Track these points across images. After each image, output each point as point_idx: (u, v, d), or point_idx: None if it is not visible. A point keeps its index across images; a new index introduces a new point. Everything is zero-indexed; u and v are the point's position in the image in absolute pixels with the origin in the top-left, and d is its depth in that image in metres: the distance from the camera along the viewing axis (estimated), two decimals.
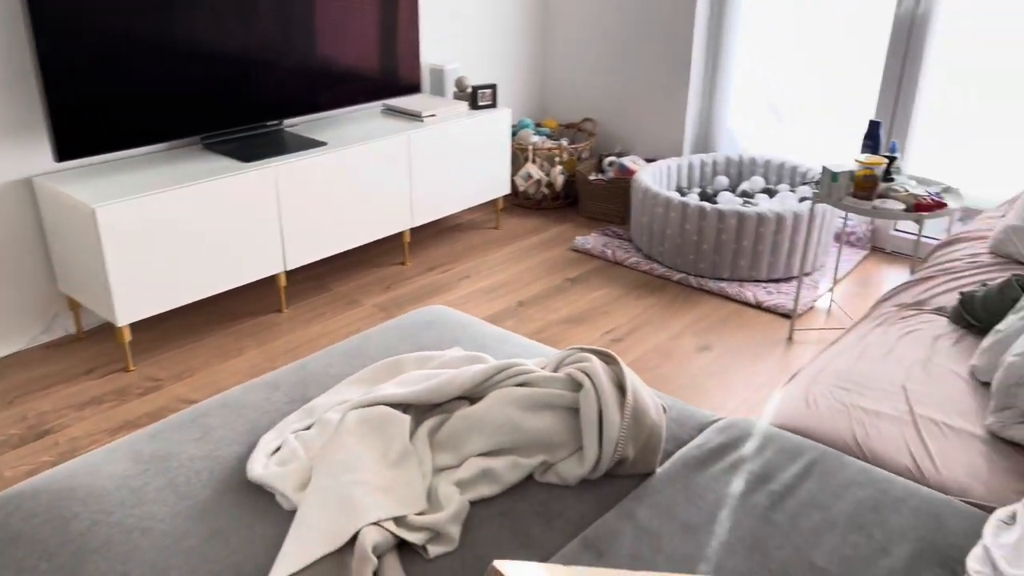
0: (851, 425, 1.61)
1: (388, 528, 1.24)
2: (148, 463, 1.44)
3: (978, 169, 3.33)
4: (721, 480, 1.43)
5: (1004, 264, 2.28)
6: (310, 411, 1.56)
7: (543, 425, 1.41)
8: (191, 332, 2.89)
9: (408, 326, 1.94)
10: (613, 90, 4.17)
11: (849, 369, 1.80)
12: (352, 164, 3.07)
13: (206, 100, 2.86)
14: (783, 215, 3.16)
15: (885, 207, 2.47)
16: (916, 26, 3.28)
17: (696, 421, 1.62)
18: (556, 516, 1.35)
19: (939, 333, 1.95)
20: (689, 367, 2.70)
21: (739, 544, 1.29)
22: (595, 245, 3.61)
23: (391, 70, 3.45)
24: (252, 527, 1.30)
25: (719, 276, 3.29)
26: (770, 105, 3.86)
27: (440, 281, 3.33)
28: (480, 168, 3.62)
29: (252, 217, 2.80)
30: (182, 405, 2.46)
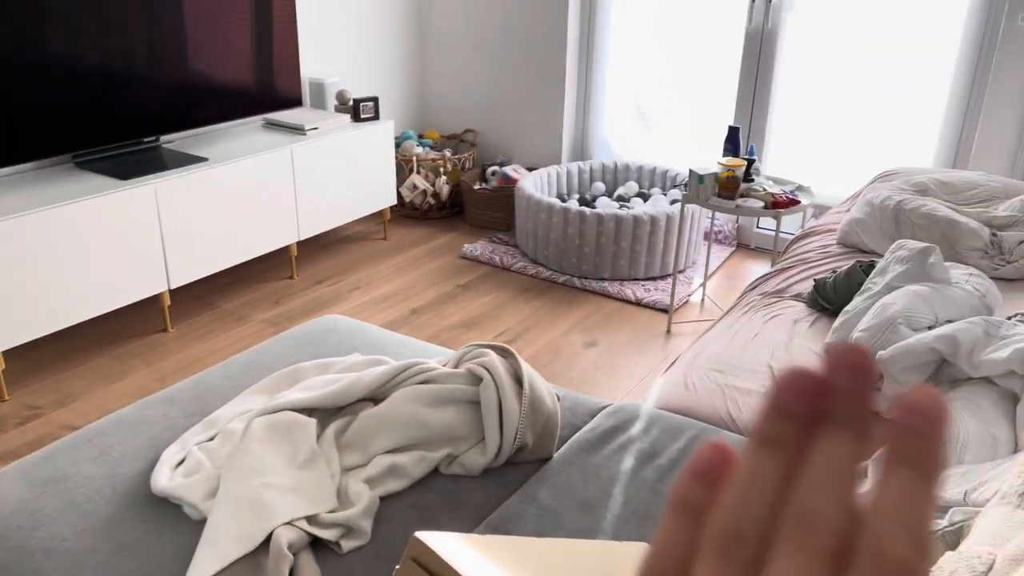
0: (725, 403, 1.76)
1: (301, 527, 1.28)
2: (44, 486, 1.42)
3: (826, 168, 3.65)
4: (613, 459, 1.54)
5: (850, 253, 2.53)
6: (212, 423, 1.57)
7: (447, 419, 1.49)
8: (71, 357, 2.78)
9: (305, 336, 1.96)
10: (492, 101, 4.30)
11: (722, 353, 1.96)
12: (234, 179, 3.04)
13: (76, 117, 2.77)
14: (657, 217, 3.36)
15: (747, 205, 2.69)
16: (765, 39, 3.57)
17: (588, 408, 1.73)
18: (463, 504, 1.43)
19: (798, 317, 2.15)
20: (578, 362, 2.84)
21: (632, 516, 1.40)
22: (483, 252, 3.71)
23: (271, 84, 3.43)
24: (161, 539, 1.31)
25: (601, 276, 3.46)
26: (640, 113, 4.09)
27: (330, 293, 3.33)
28: (365, 180, 3.65)
29: (132, 236, 2.73)
30: (66, 432, 2.37)
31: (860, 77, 3.46)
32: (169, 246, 2.86)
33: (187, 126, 3.15)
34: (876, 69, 3.42)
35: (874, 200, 2.53)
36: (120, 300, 2.74)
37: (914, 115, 3.40)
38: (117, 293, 2.72)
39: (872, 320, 1.76)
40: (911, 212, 2.42)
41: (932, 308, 1.75)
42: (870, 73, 3.44)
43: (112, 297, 2.71)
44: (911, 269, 1.87)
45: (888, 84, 3.41)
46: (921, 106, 3.37)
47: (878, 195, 2.54)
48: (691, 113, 3.92)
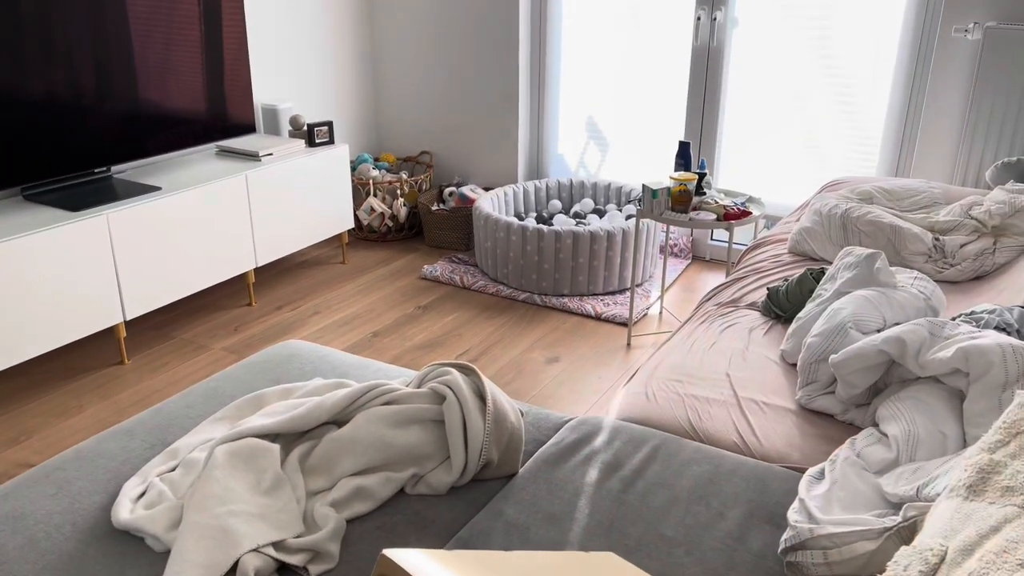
0: (686, 412, 1.80)
1: (268, 553, 1.27)
2: (2, 524, 1.38)
3: (775, 180, 3.75)
4: (578, 472, 1.56)
5: (801, 261, 2.60)
6: (173, 453, 1.55)
7: (412, 439, 1.49)
8: (24, 394, 2.72)
9: (266, 362, 1.95)
10: (447, 122, 4.33)
11: (681, 363, 2.00)
12: (189, 208, 3.02)
13: (23, 149, 2.73)
14: (613, 232, 3.41)
15: (700, 218, 2.75)
16: (712, 56, 3.66)
17: (551, 422, 1.75)
18: (430, 523, 1.43)
19: (753, 325, 2.20)
20: (541, 378, 2.86)
21: (598, 527, 1.42)
22: (443, 272, 3.72)
23: (223, 111, 3.42)
24: (123, 573, 1.29)
25: (561, 292, 3.49)
26: (593, 131, 4.15)
27: (290, 319, 3.31)
28: (322, 204, 3.65)
29: (84, 268, 2.69)
30: (21, 470, 2.32)
31: (804, 91, 3.57)
32: (124, 277, 2.82)
33: (139, 155, 3.12)
34: (819, 83, 3.53)
35: (822, 209, 2.60)
36: (74, 334, 2.69)
37: (857, 126, 3.51)
38: (71, 327, 2.67)
39: (823, 325, 1.81)
40: (857, 220, 2.49)
41: (880, 311, 1.80)
42: (814, 87, 3.54)
43: (66, 331, 2.66)
44: (859, 275, 1.93)
45: (831, 97, 3.53)
46: (863, 117, 3.49)
47: (826, 204, 2.61)
48: (643, 129, 3.99)
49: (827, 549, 1.23)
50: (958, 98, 3.23)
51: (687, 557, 1.34)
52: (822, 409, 1.77)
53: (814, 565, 1.24)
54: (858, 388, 1.67)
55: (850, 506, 1.34)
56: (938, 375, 1.55)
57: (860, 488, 1.38)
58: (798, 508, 1.35)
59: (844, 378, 1.67)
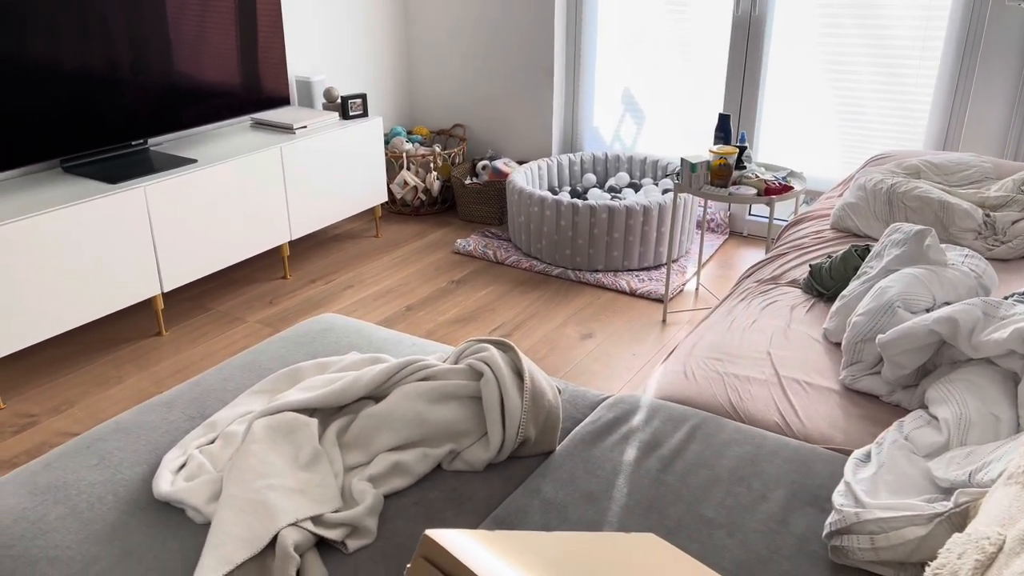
0: (726, 391, 1.76)
1: (306, 527, 1.27)
2: (45, 493, 1.40)
3: (818, 154, 3.66)
4: (615, 451, 1.54)
5: (844, 237, 2.53)
6: (212, 425, 1.56)
7: (448, 415, 1.48)
8: (65, 363, 2.76)
9: (302, 335, 1.95)
10: (480, 95, 4.28)
11: (720, 341, 1.96)
12: (225, 180, 3.02)
13: (62, 122, 2.74)
14: (649, 207, 3.35)
15: (740, 193, 2.69)
16: (753, 26, 3.57)
17: (588, 400, 1.73)
18: (467, 500, 1.42)
19: (794, 303, 2.15)
20: (575, 354, 2.83)
21: (637, 506, 1.40)
22: (476, 247, 3.70)
23: (258, 83, 3.41)
24: (165, 544, 1.30)
25: (595, 268, 3.46)
26: (630, 103, 4.08)
27: (324, 292, 3.32)
28: (356, 177, 3.64)
29: (123, 240, 2.71)
30: (63, 439, 2.36)
31: (849, 61, 3.46)
32: (161, 249, 2.84)
33: (175, 128, 3.12)
34: (864, 53, 3.42)
35: (867, 184, 2.53)
36: (113, 305, 2.72)
37: (905, 98, 3.41)
38: (110, 298, 2.70)
39: (870, 304, 1.76)
40: (904, 195, 2.42)
41: (930, 290, 1.75)
42: (860, 57, 3.44)
43: (105, 302, 2.69)
44: (907, 252, 1.87)
45: (877, 67, 3.42)
46: (912, 88, 3.38)
47: (870, 179, 2.54)
48: (680, 102, 3.92)
49: (874, 534, 1.20)
50: (1010, 68, 3.11)
51: (728, 539, 1.31)
52: (867, 390, 1.72)
53: (860, 550, 1.21)
54: (906, 369, 1.62)
55: (898, 490, 1.30)
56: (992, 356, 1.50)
57: (908, 472, 1.34)
58: (844, 491, 1.32)
59: (892, 358, 1.63)
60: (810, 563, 1.26)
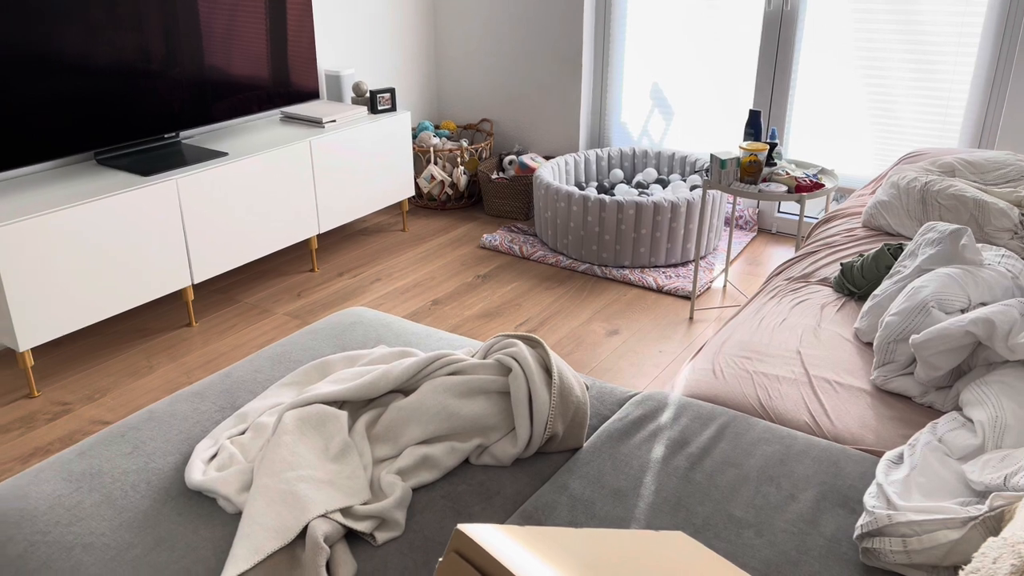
0: (755, 390, 1.75)
1: (336, 519, 1.28)
2: (80, 481, 1.43)
3: (849, 151, 3.61)
4: (643, 448, 1.53)
5: (876, 236, 2.50)
6: (243, 416, 1.58)
7: (477, 410, 1.48)
8: (97, 353, 2.80)
9: (330, 328, 1.96)
10: (508, 90, 4.28)
11: (749, 339, 1.95)
12: (255, 173, 3.05)
13: (96, 114, 2.78)
14: (677, 203, 3.33)
15: (770, 190, 2.67)
16: (785, 22, 3.52)
17: (616, 397, 1.73)
18: (495, 494, 1.42)
19: (825, 302, 2.13)
20: (601, 351, 2.83)
21: (664, 504, 1.39)
22: (502, 242, 3.70)
23: (288, 77, 3.43)
24: (197, 532, 1.31)
25: (621, 264, 3.44)
26: (658, 99, 4.05)
27: (351, 285, 3.34)
28: (383, 171, 3.65)
29: (155, 232, 2.74)
30: (96, 427, 2.40)
31: (884, 56, 3.41)
32: (191, 241, 2.87)
33: (206, 121, 3.16)
34: (899, 48, 3.37)
35: (900, 182, 2.49)
36: (145, 296, 2.75)
37: (940, 94, 3.35)
38: (142, 289, 2.74)
39: (903, 304, 1.74)
40: (938, 193, 2.38)
41: (965, 291, 1.72)
42: (894, 52, 3.39)
43: (137, 293, 2.73)
44: (942, 251, 1.84)
45: (911, 63, 3.37)
46: (947, 84, 3.33)
47: (904, 177, 2.50)
48: (710, 97, 3.88)
49: (907, 537, 1.19)
50: None
51: (757, 539, 1.30)
52: (899, 391, 1.70)
53: (892, 552, 1.19)
54: (940, 370, 1.60)
55: (931, 493, 1.29)
56: None
57: (942, 474, 1.32)
58: (875, 493, 1.30)
59: (925, 359, 1.61)
60: (840, 565, 1.25)
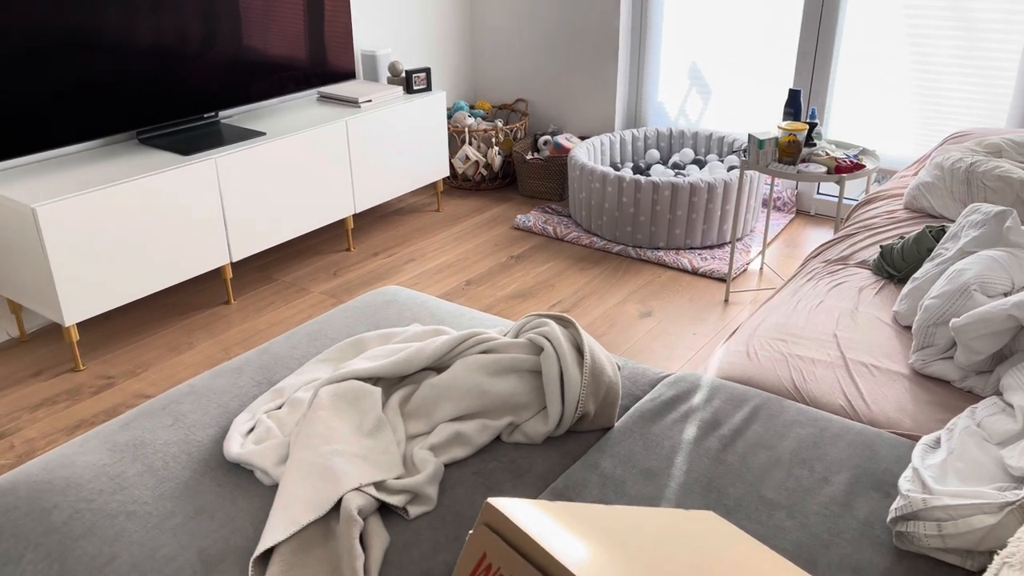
0: (790, 372, 1.74)
1: (369, 493, 1.30)
2: (123, 451, 1.47)
3: (892, 131, 3.53)
4: (675, 429, 1.53)
5: (917, 218, 2.45)
6: (280, 392, 1.61)
7: (508, 388, 1.49)
8: (140, 328, 2.87)
9: (366, 306, 1.99)
10: (543, 70, 4.25)
11: (785, 322, 1.93)
12: (292, 153, 3.08)
13: (137, 94, 2.83)
14: (714, 184, 3.30)
15: (809, 171, 2.62)
16: None
17: (648, 377, 1.73)
18: (525, 472, 1.44)
19: (863, 284, 2.10)
20: (634, 332, 2.82)
21: (696, 484, 1.39)
22: (536, 222, 3.70)
23: (324, 57, 3.45)
24: (235, 503, 1.35)
25: (656, 245, 3.42)
26: (696, 78, 4.00)
27: (386, 265, 3.37)
28: (419, 151, 3.67)
29: (195, 210, 2.79)
30: (139, 401, 2.46)
31: (929, 34, 3.32)
32: (230, 220, 2.92)
33: (244, 101, 3.19)
34: (946, 25, 3.28)
35: (944, 163, 2.44)
36: (185, 273, 2.81)
37: (985, 72, 3.26)
38: (182, 266, 2.79)
39: (945, 286, 1.71)
40: (984, 175, 2.33)
41: (1009, 274, 1.68)
42: (940, 29, 3.30)
43: (177, 270, 2.78)
44: (986, 233, 1.80)
45: (957, 40, 3.28)
46: (995, 62, 3.23)
47: (948, 157, 2.45)
48: (749, 76, 3.82)
49: (942, 521, 1.17)
50: None
51: (789, 520, 1.30)
52: (938, 375, 1.67)
53: (927, 537, 1.18)
54: (981, 355, 1.57)
55: (968, 478, 1.27)
56: None
57: (980, 459, 1.30)
58: (911, 477, 1.29)
59: (966, 343, 1.58)
60: (872, 548, 1.24)
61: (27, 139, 2.55)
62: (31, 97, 2.53)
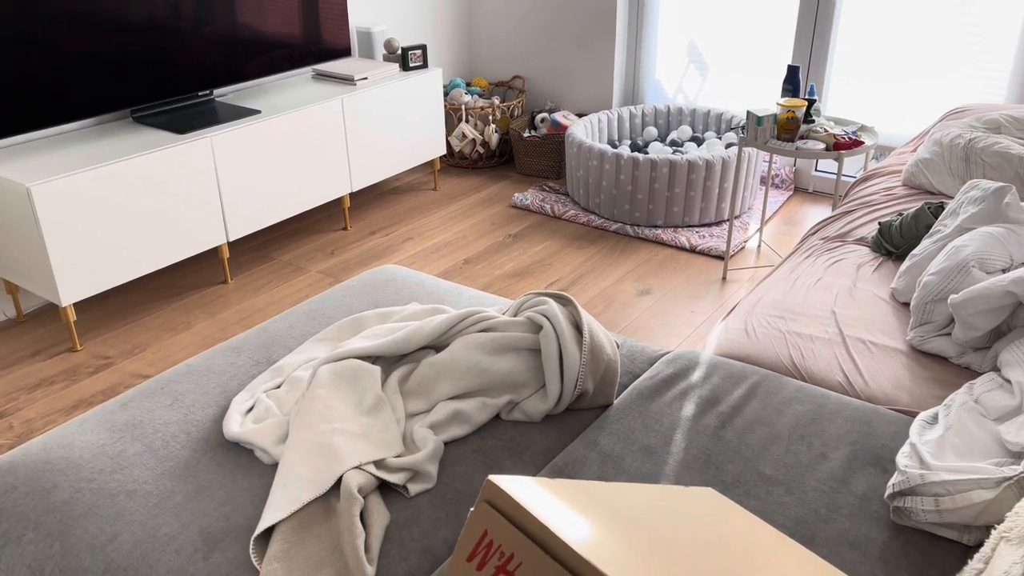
0: (788, 349, 1.74)
1: (369, 471, 1.31)
2: (122, 431, 1.47)
3: (891, 108, 3.52)
4: (674, 406, 1.53)
5: (916, 195, 2.44)
6: (279, 371, 1.60)
7: (508, 367, 1.49)
8: (137, 308, 2.87)
9: (364, 285, 1.98)
10: (540, 47, 4.22)
11: (783, 299, 1.93)
12: (288, 131, 3.06)
13: (131, 73, 2.80)
14: (712, 161, 3.28)
15: (807, 148, 2.61)
16: None
17: (647, 355, 1.73)
18: (525, 450, 1.44)
19: (861, 261, 2.10)
20: (632, 310, 2.82)
21: (694, 461, 1.40)
22: (533, 201, 3.68)
23: (319, 34, 3.42)
24: (236, 481, 1.35)
25: (654, 224, 3.41)
26: (694, 54, 3.97)
27: (383, 244, 3.36)
28: (415, 129, 3.64)
29: (191, 189, 2.78)
30: (137, 380, 2.46)
31: (928, 10, 3.30)
32: (226, 199, 2.90)
33: (239, 79, 3.16)
34: (945, 1, 3.25)
35: (943, 139, 2.43)
36: (182, 252, 2.80)
37: (984, 48, 3.24)
38: (179, 246, 2.78)
39: (943, 263, 1.71)
40: (983, 151, 2.32)
41: (1007, 250, 1.68)
42: (939, 5, 3.27)
43: (174, 250, 2.77)
44: (985, 209, 1.80)
45: (956, 16, 3.25)
46: (992, 38, 3.21)
47: (947, 134, 2.44)
48: (748, 53, 3.80)
49: (939, 496, 1.18)
50: None
51: (787, 496, 1.31)
52: (936, 351, 1.68)
53: (924, 511, 1.19)
54: (979, 331, 1.57)
55: (965, 453, 1.27)
56: None
57: (977, 435, 1.31)
58: (908, 452, 1.29)
59: (964, 320, 1.58)
60: (870, 523, 1.25)
61: (21, 118, 2.53)
62: (24, 76, 2.50)
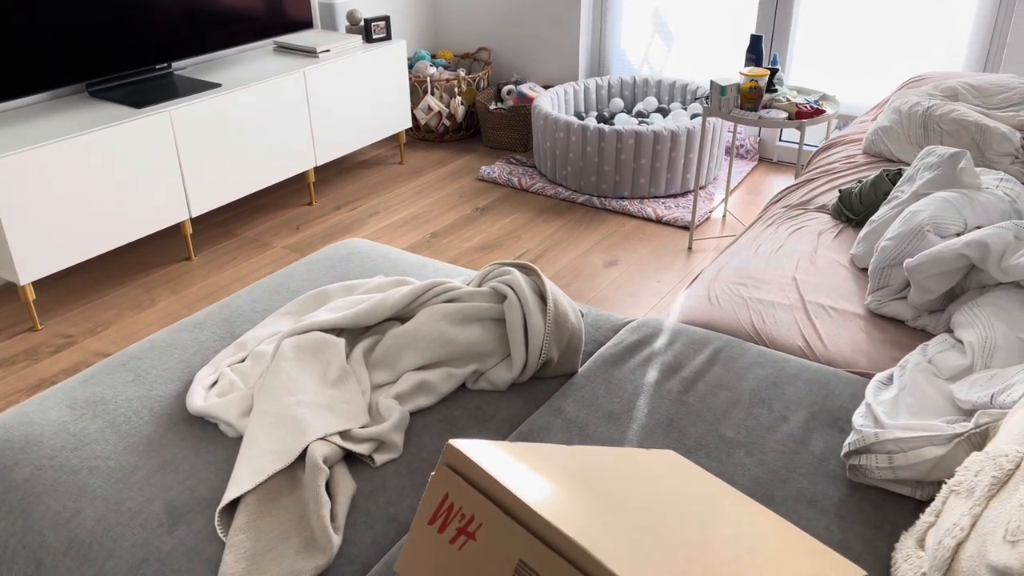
0: (749, 315, 1.77)
1: (335, 442, 1.31)
2: (84, 408, 1.45)
3: (852, 77, 3.55)
4: (637, 373, 1.55)
5: (876, 162, 2.48)
6: (242, 345, 1.60)
7: (472, 336, 1.50)
8: (99, 286, 2.82)
9: (328, 259, 1.97)
10: (506, 17, 4.18)
11: (745, 266, 1.95)
12: (249, 105, 3.01)
13: (86, 45, 2.73)
14: (677, 132, 3.30)
15: (770, 117, 2.63)
16: None
17: (611, 324, 1.74)
18: (490, 418, 1.45)
19: (822, 229, 2.13)
20: (599, 281, 2.84)
21: (657, 426, 1.42)
22: (500, 174, 3.67)
23: (281, 6, 3.36)
24: (200, 455, 1.35)
25: (621, 195, 3.43)
26: (659, 25, 3.97)
27: (349, 218, 3.33)
28: (380, 102, 3.60)
29: (151, 164, 2.73)
30: (100, 359, 2.43)
31: None
32: (188, 174, 2.86)
33: (198, 51, 3.10)
34: None
35: (902, 107, 2.46)
36: (144, 229, 2.76)
37: (944, 17, 3.28)
38: (141, 222, 2.74)
39: (899, 228, 1.74)
40: (940, 118, 2.35)
41: (961, 214, 1.72)
42: None
43: (136, 227, 2.73)
44: (940, 175, 1.83)
45: None
46: (950, 8, 3.25)
47: (906, 102, 2.47)
48: (712, 23, 3.80)
49: (892, 453, 1.21)
50: None
51: (748, 458, 1.33)
52: (892, 315, 1.71)
53: (878, 468, 1.22)
54: (933, 293, 1.61)
55: (919, 412, 1.31)
56: (1021, 281, 1.48)
57: (930, 394, 1.34)
58: (864, 412, 1.33)
59: (919, 283, 1.61)
60: (827, 481, 1.28)
61: None
62: None
